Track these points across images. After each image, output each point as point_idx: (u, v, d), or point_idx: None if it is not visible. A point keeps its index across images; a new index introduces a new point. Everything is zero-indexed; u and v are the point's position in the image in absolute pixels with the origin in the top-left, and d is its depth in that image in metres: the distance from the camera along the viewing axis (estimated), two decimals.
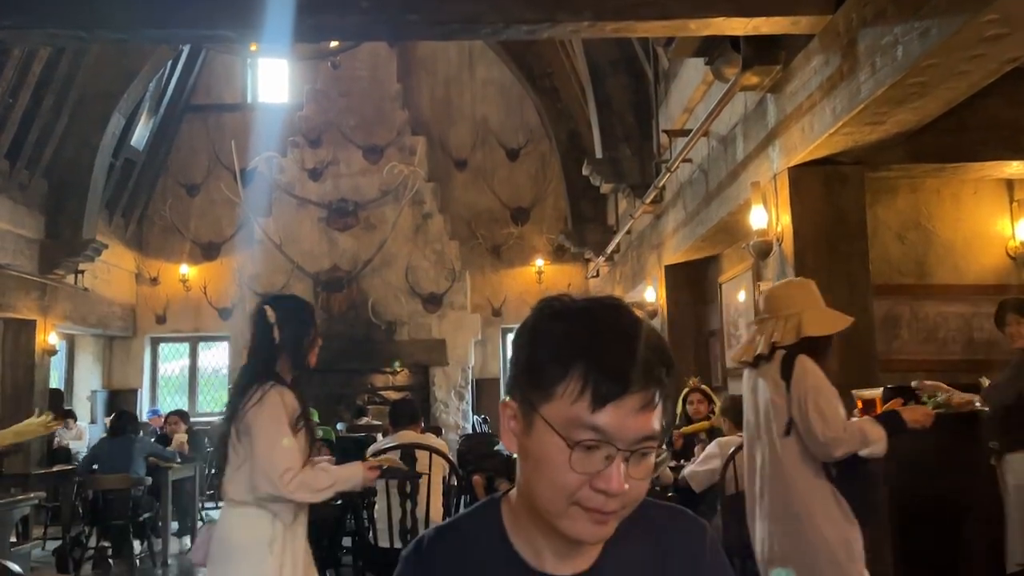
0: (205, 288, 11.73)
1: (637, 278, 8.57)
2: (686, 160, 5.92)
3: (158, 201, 12.11)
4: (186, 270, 11.84)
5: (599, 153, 8.18)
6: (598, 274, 10.34)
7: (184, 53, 11.32)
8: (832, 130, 3.63)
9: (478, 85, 12.23)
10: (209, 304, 11.75)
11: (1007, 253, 4.87)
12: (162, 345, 12.45)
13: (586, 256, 10.93)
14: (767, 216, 4.53)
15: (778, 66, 4.10)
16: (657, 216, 7.41)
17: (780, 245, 4.46)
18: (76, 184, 9.43)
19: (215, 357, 12.48)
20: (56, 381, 10.45)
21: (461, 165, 12.12)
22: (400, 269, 11.14)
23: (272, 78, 12.71)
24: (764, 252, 4.60)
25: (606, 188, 8.36)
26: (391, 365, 11.10)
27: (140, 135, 11.08)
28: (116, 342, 11.97)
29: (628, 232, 8.56)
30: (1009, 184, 4.91)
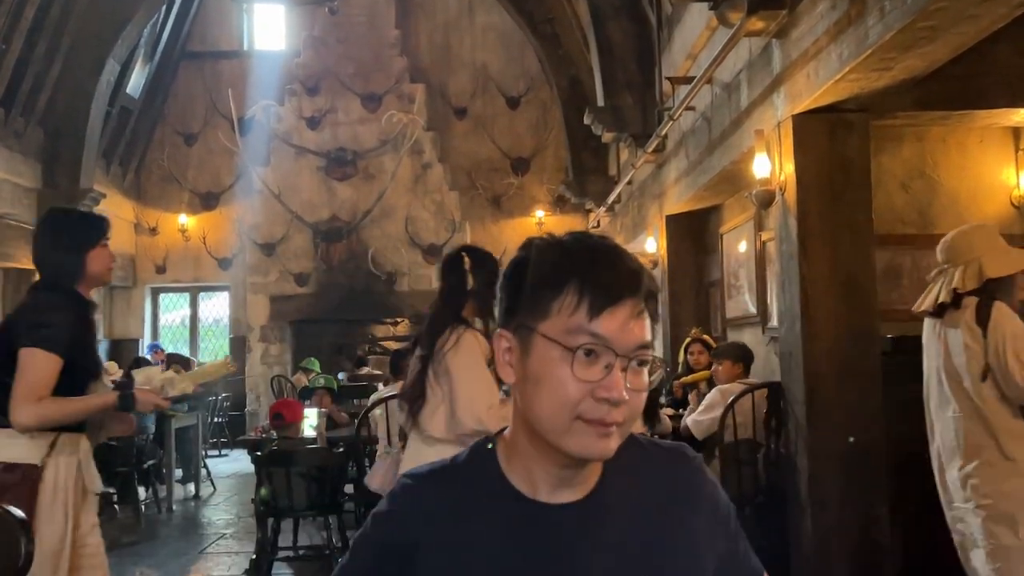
0: (204, 238, 11.70)
1: (638, 228, 8.53)
2: (689, 108, 5.84)
3: (155, 150, 12.01)
4: (185, 220, 11.80)
5: (601, 101, 8.07)
6: (599, 225, 10.29)
7: None
8: (838, 76, 3.57)
9: (478, 31, 12.04)
10: (209, 254, 11.73)
11: (1011, 202, 4.83)
12: (162, 295, 12.47)
13: (587, 207, 10.87)
14: (770, 165, 4.49)
15: (784, 10, 4.02)
16: (659, 166, 7.35)
17: (783, 194, 4.43)
18: (72, 132, 9.34)
19: (216, 307, 12.51)
20: None
21: (461, 113, 11.98)
22: (400, 220, 11.10)
23: (268, 24, 12.51)
24: (766, 201, 4.56)
25: (607, 137, 8.27)
26: (393, 319, 11.14)
27: (136, 83, 10.95)
28: (116, 292, 11.98)
29: (629, 182, 8.50)
30: (1015, 132, 4.85)
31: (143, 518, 6.49)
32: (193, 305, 12.44)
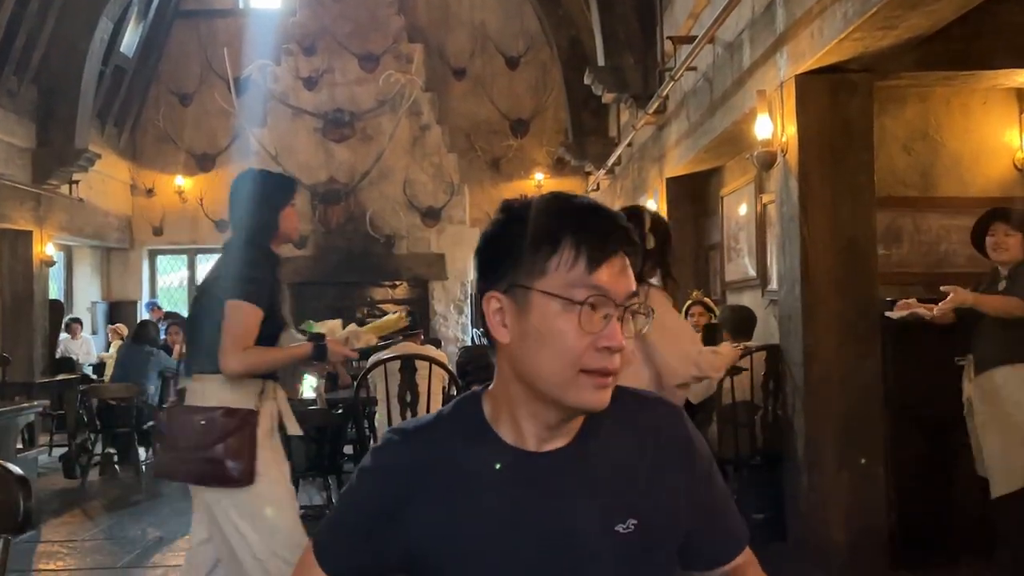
0: (201, 200, 11.63)
1: (638, 191, 8.48)
2: (690, 68, 5.78)
3: (151, 110, 11.89)
4: (181, 181, 11.71)
5: (601, 61, 7.98)
6: (598, 187, 10.23)
7: None
8: (842, 35, 3.51)
9: None
10: (206, 216, 11.67)
11: (1014, 165, 4.79)
12: (160, 257, 12.43)
13: (586, 169, 10.80)
14: (772, 126, 4.45)
15: None
16: (659, 127, 7.28)
17: (784, 156, 4.39)
18: (66, 91, 9.23)
19: None
20: (55, 293, 10.48)
21: (459, 74, 11.85)
22: (398, 182, 11.02)
23: None
24: (768, 163, 4.53)
25: (608, 98, 8.19)
26: (391, 283, 11.13)
27: (129, 41, 10.79)
28: (114, 254, 11.95)
29: (630, 144, 8.43)
30: (1019, 94, 4.80)
31: (144, 478, 6.53)
32: (191, 267, 12.41)
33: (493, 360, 1.08)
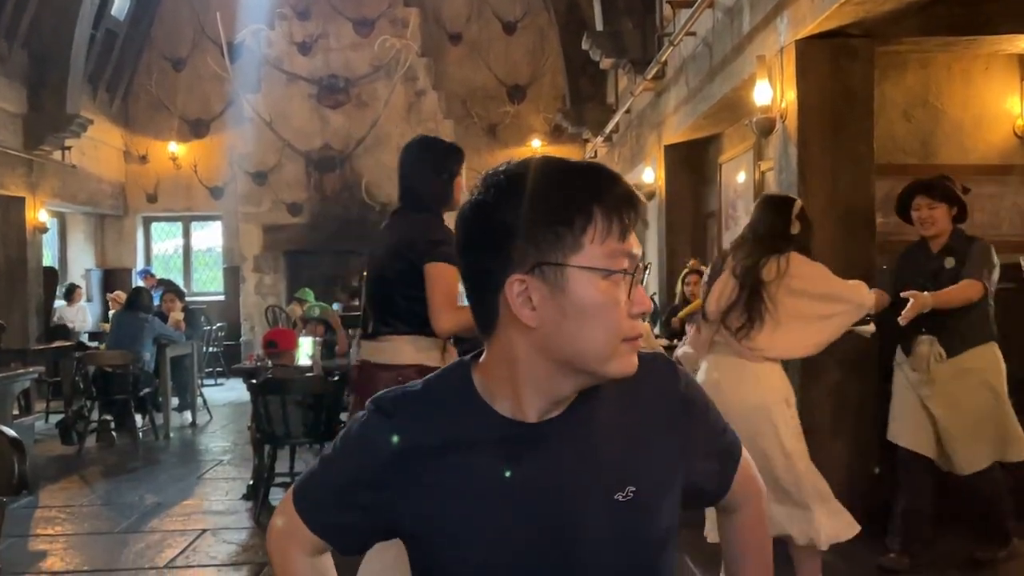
0: (196, 167, 11.55)
1: (636, 159, 8.43)
2: (690, 33, 5.71)
3: (143, 75, 11.75)
4: (175, 148, 11.62)
5: (599, 26, 7.89)
6: (596, 155, 10.17)
7: None
8: None
9: None
10: (200, 183, 11.60)
11: (1014, 132, 4.75)
12: (154, 224, 12.36)
13: (584, 136, 10.72)
14: (771, 92, 4.40)
15: None
16: (658, 94, 7.22)
17: (783, 122, 4.35)
18: (57, 55, 9.11)
19: (208, 237, 12.43)
20: (50, 260, 10.44)
21: (455, 39, 11.71)
22: (393, 149, 10.90)
23: None
24: (767, 130, 4.49)
25: (606, 64, 8.11)
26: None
27: (120, 5, 10.64)
28: (108, 221, 11.88)
29: (628, 111, 8.36)
30: (1021, 60, 4.75)
31: (141, 445, 6.55)
32: (186, 235, 12.36)
33: (484, 339, 1.02)
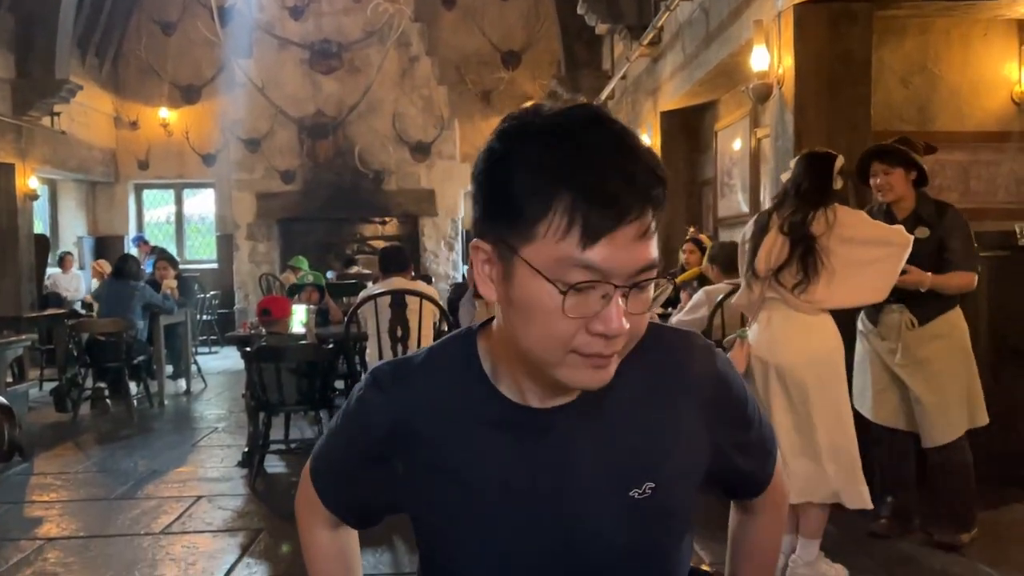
0: (187, 133, 11.44)
1: (631, 126, 8.19)
2: None
3: (132, 40, 11.58)
4: (166, 114, 11.49)
5: None
6: None
7: None
8: None
9: None
10: (192, 150, 11.49)
11: (1012, 99, 4.73)
12: (146, 191, 12.27)
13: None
14: (768, 57, 4.36)
15: None
16: (654, 60, 7.15)
17: (780, 88, 4.32)
18: (44, 19, 8.96)
19: (201, 204, 12.35)
20: (41, 227, 10.36)
21: (449, 4, 11.55)
22: (387, 115, 10.85)
23: None
24: (763, 96, 4.46)
25: (602, 29, 8.01)
26: (381, 219, 11.03)
27: None
28: (99, 188, 11.78)
29: (623, 77, 8.28)
30: (1020, 25, 4.70)
31: (135, 412, 6.55)
32: (178, 202, 12.27)
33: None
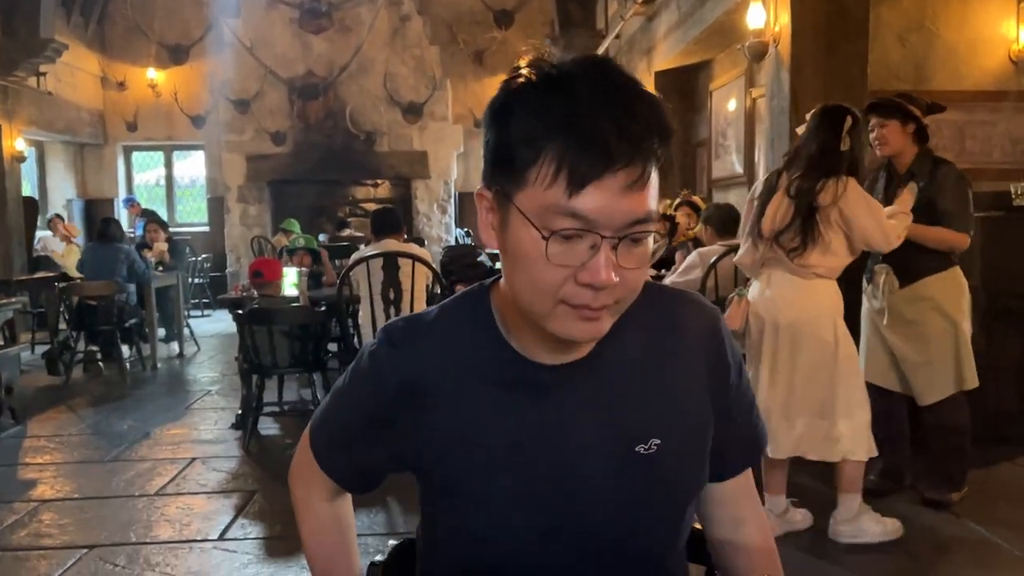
0: (176, 94, 11.28)
1: None
2: None
3: None
4: (154, 75, 11.32)
5: None
6: None
7: None
8: None
9: None
10: (181, 111, 11.34)
11: (1009, 57, 4.68)
12: (135, 154, 12.14)
13: None
14: (765, 15, 4.30)
15: None
16: (649, 18, 7.05)
17: (776, 47, 4.26)
18: None
19: (191, 167, 12.23)
20: (29, 190, 10.26)
21: None
22: (378, 76, 10.71)
23: None
24: (759, 54, 4.40)
25: None
26: (373, 181, 10.93)
27: None
28: (87, 150, 11.65)
29: (617, 36, 8.18)
30: None
31: (128, 376, 6.54)
32: (168, 165, 12.15)
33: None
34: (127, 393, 6.13)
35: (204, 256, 10.70)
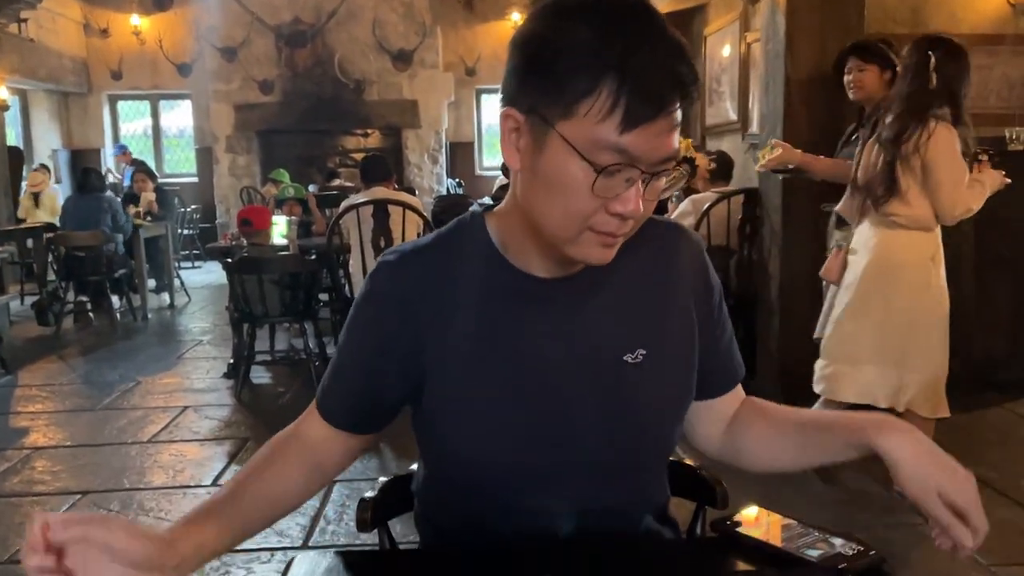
0: (160, 42, 11.04)
1: None
2: None
3: None
4: (138, 21, 11.07)
5: None
6: None
7: None
8: None
9: None
10: (166, 59, 11.13)
11: (1007, 0, 4.61)
12: (120, 103, 11.93)
13: None
14: None
15: None
16: None
17: None
18: None
19: (178, 117, 12.05)
20: (13, 139, 10.09)
21: None
22: (367, 22, 10.50)
23: None
24: None
25: None
26: (363, 131, 10.78)
27: None
28: (72, 99, 11.45)
29: None
30: None
31: (119, 326, 6.52)
32: (154, 115, 11.96)
33: (507, 177, 0.97)
34: (118, 343, 6.12)
35: (193, 207, 10.60)
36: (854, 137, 3.46)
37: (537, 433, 0.97)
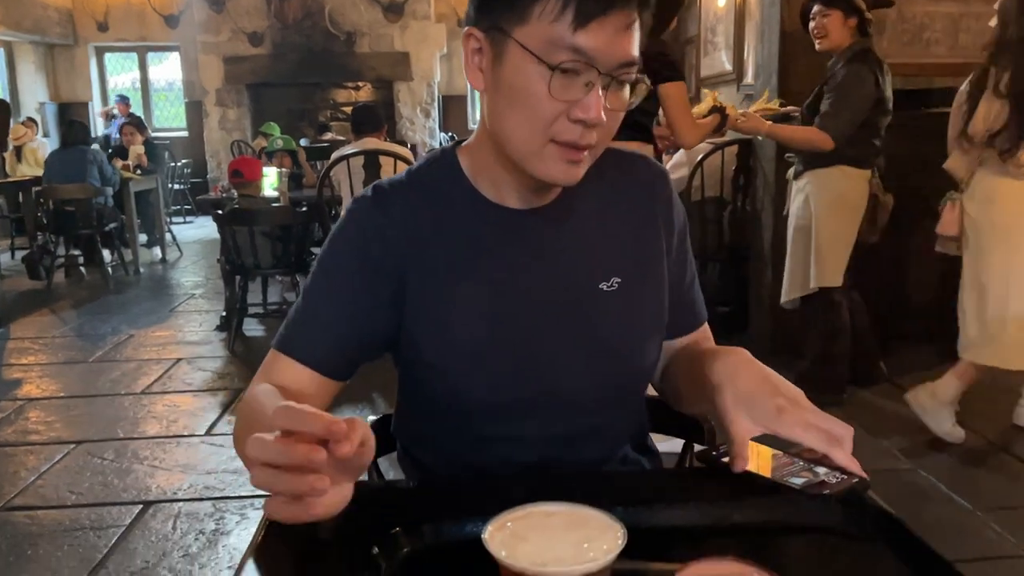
0: None
1: None
2: None
3: None
4: None
5: None
6: None
7: None
8: None
9: None
10: (153, 10, 10.93)
11: None
12: (108, 55, 11.74)
13: None
14: None
15: None
16: None
17: None
18: None
19: (167, 71, 11.87)
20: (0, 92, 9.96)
21: None
22: None
23: None
24: None
25: None
26: (354, 84, 10.64)
27: None
28: (58, 51, 11.26)
29: None
30: None
31: (111, 280, 6.50)
32: (143, 68, 11.78)
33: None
34: (110, 297, 6.10)
35: (184, 162, 10.51)
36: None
37: (515, 362, 0.97)
